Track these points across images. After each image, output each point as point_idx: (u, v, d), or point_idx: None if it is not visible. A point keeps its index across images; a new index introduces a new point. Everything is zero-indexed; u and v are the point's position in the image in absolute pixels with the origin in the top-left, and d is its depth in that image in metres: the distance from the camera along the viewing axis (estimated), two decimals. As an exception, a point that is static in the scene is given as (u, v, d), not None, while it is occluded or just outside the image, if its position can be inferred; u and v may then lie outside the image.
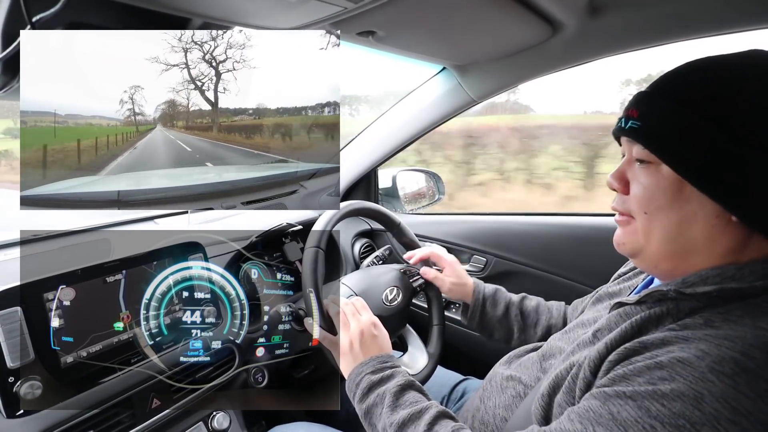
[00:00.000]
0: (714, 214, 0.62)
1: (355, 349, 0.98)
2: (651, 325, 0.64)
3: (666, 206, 0.65)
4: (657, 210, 0.66)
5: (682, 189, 0.63)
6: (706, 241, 0.64)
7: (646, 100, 0.67)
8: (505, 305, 1.22)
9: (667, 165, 0.64)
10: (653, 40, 1.17)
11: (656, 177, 0.66)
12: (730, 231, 0.62)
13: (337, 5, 0.85)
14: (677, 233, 0.65)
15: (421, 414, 0.81)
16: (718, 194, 0.61)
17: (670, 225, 0.65)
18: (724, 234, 0.63)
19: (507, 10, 1.02)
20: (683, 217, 0.64)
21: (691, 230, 0.64)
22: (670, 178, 0.64)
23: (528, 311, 1.21)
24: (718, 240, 0.63)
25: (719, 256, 0.64)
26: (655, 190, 0.66)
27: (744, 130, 0.58)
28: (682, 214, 0.64)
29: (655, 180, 0.66)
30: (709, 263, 0.65)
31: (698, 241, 0.64)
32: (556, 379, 0.73)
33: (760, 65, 0.62)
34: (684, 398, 0.52)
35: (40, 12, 0.64)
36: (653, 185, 0.66)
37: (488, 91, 1.51)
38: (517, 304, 1.23)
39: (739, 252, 0.63)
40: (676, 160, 0.63)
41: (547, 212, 1.71)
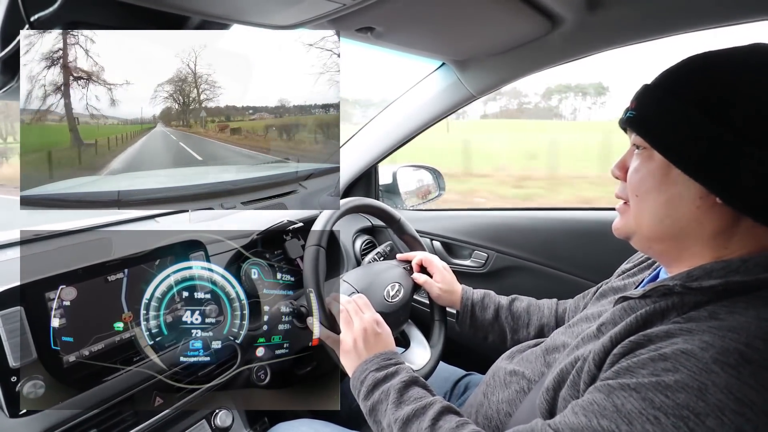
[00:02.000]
0: (698, 195, 0.64)
1: (358, 347, 0.98)
2: (656, 318, 0.65)
3: (654, 188, 0.69)
4: (646, 192, 0.70)
5: (669, 172, 0.67)
6: (693, 223, 0.66)
7: (644, 93, 0.71)
8: (494, 309, 1.23)
9: (654, 149, 0.67)
10: (652, 34, 1.17)
11: (648, 161, 0.70)
12: (716, 213, 0.64)
13: (336, 2, 0.85)
14: (665, 214, 0.69)
15: (425, 409, 0.81)
16: (700, 176, 0.63)
17: (657, 206, 0.69)
18: (710, 216, 0.65)
19: (506, 4, 1.01)
20: (669, 198, 0.67)
21: (678, 211, 0.67)
22: (659, 162, 0.68)
23: (519, 313, 1.22)
24: (704, 222, 0.66)
25: (708, 238, 0.66)
26: (645, 173, 0.70)
27: (728, 115, 0.60)
28: (668, 196, 0.67)
29: (646, 164, 0.70)
30: (698, 246, 0.67)
31: (685, 222, 0.67)
32: (560, 374, 0.73)
33: (754, 58, 0.63)
34: (688, 389, 0.52)
35: (38, 11, 0.64)
36: (644, 169, 0.70)
37: (487, 86, 1.51)
38: (506, 307, 1.23)
39: (725, 237, 0.66)
40: (661, 143, 0.67)
41: (548, 207, 1.71)
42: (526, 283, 1.69)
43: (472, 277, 1.78)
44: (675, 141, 0.65)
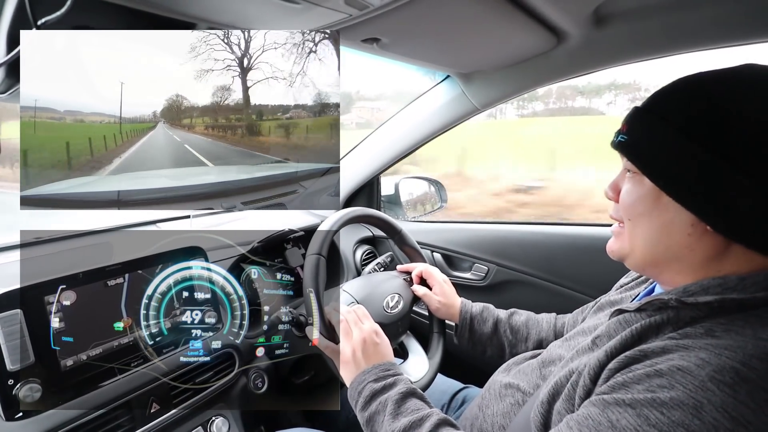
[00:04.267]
0: (689, 223, 0.64)
1: (357, 357, 0.98)
2: (651, 333, 0.65)
3: (646, 213, 0.69)
4: (639, 217, 0.70)
5: (660, 198, 0.66)
6: (685, 249, 0.66)
7: (634, 116, 0.70)
8: (493, 322, 1.22)
9: (644, 175, 0.67)
10: (657, 52, 1.17)
11: (639, 186, 0.69)
12: (707, 240, 0.64)
13: (342, 12, 0.86)
14: (657, 240, 0.69)
15: (422, 421, 0.81)
16: (691, 204, 0.63)
17: (651, 232, 0.69)
18: (701, 243, 0.64)
19: (512, 19, 1.02)
20: (662, 224, 0.67)
21: (670, 238, 0.67)
22: (650, 187, 0.67)
23: (517, 327, 1.21)
24: (695, 248, 0.65)
25: (699, 264, 0.66)
26: (636, 198, 0.70)
27: (717, 142, 0.59)
28: (660, 222, 0.67)
29: (637, 189, 0.70)
30: (691, 270, 0.67)
31: (677, 248, 0.67)
32: (555, 387, 0.73)
33: (745, 80, 0.62)
34: (683, 407, 0.51)
35: (45, 15, 0.65)
36: (636, 194, 0.70)
37: (492, 100, 1.51)
38: (505, 321, 1.23)
39: (718, 261, 0.65)
40: (651, 170, 0.66)
41: (548, 222, 1.71)
42: (526, 297, 1.68)
43: (472, 290, 1.78)
44: (664, 168, 0.65)
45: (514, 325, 1.21)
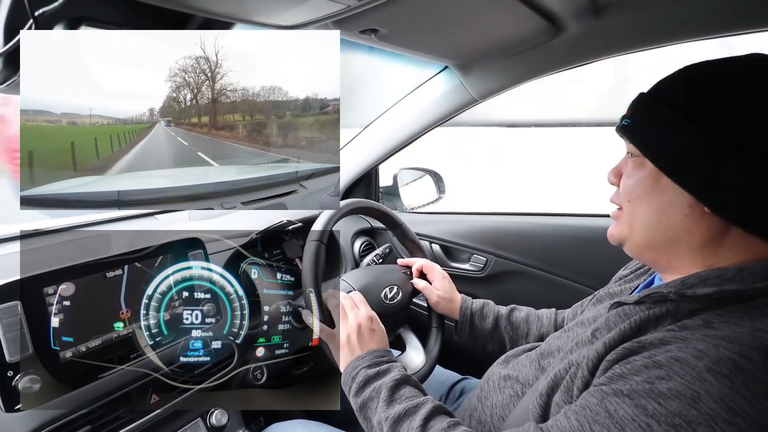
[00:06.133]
0: (687, 204, 0.65)
1: (352, 342, 0.98)
2: (650, 325, 0.65)
3: (645, 195, 0.70)
4: (638, 199, 0.71)
5: (659, 179, 0.68)
6: (682, 231, 0.67)
7: (639, 101, 0.72)
8: (493, 318, 1.22)
9: (645, 156, 0.69)
10: (657, 41, 1.16)
11: (640, 169, 0.71)
12: (705, 222, 0.65)
13: (340, 3, 0.85)
14: (656, 222, 0.70)
15: (416, 409, 0.81)
16: (689, 184, 0.64)
17: (649, 213, 0.70)
18: (699, 225, 0.66)
19: (510, 8, 1.01)
20: (660, 206, 0.68)
21: (668, 219, 0.68)
22: (650, 169, 0.69)
23: (518, 322, 1.21)
24: (693, 230, 0.66)
25: (697, 246, 0.67)
26: (637, 180, 0.71)
27: (719, 125, 0.61)
28: (659, 203, 0.69)
29: (638, 171, 0.71)
30: (688, 255, 0.68)
31: (675, 230, 0.68)
32: (554, 378, 0.73)
33: (749, 69, 0.63)
34: (681, 397, 0.52)
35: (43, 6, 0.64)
36: (636, 176, 0.72)
37: (490, 91, 1.51)
38: (505, 317, 1.23)
39: (716, 245, 0.66)
40: (653, 151, 0.68)
41: (548, 212, 1.71)
42: (524, 288, 1.69)
43: (471, 281, 1.78)
44: (666, 150, 0.66)
45: (515, 322, 1.21)
